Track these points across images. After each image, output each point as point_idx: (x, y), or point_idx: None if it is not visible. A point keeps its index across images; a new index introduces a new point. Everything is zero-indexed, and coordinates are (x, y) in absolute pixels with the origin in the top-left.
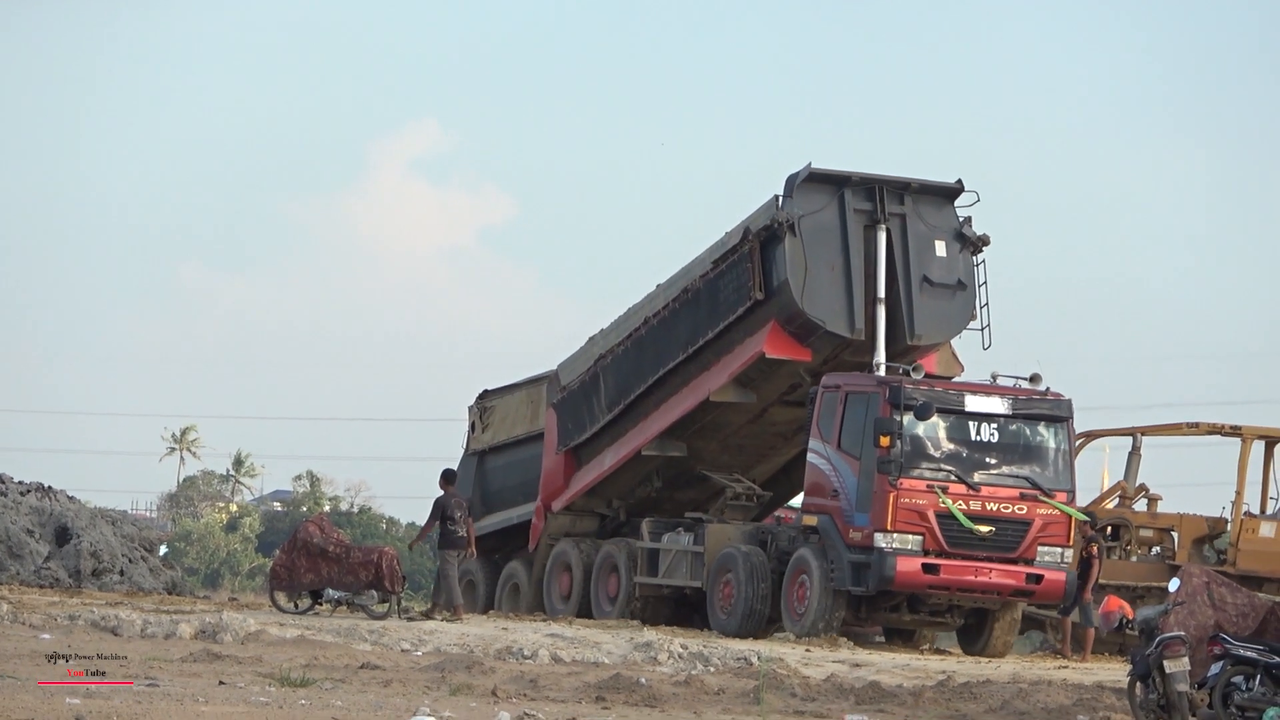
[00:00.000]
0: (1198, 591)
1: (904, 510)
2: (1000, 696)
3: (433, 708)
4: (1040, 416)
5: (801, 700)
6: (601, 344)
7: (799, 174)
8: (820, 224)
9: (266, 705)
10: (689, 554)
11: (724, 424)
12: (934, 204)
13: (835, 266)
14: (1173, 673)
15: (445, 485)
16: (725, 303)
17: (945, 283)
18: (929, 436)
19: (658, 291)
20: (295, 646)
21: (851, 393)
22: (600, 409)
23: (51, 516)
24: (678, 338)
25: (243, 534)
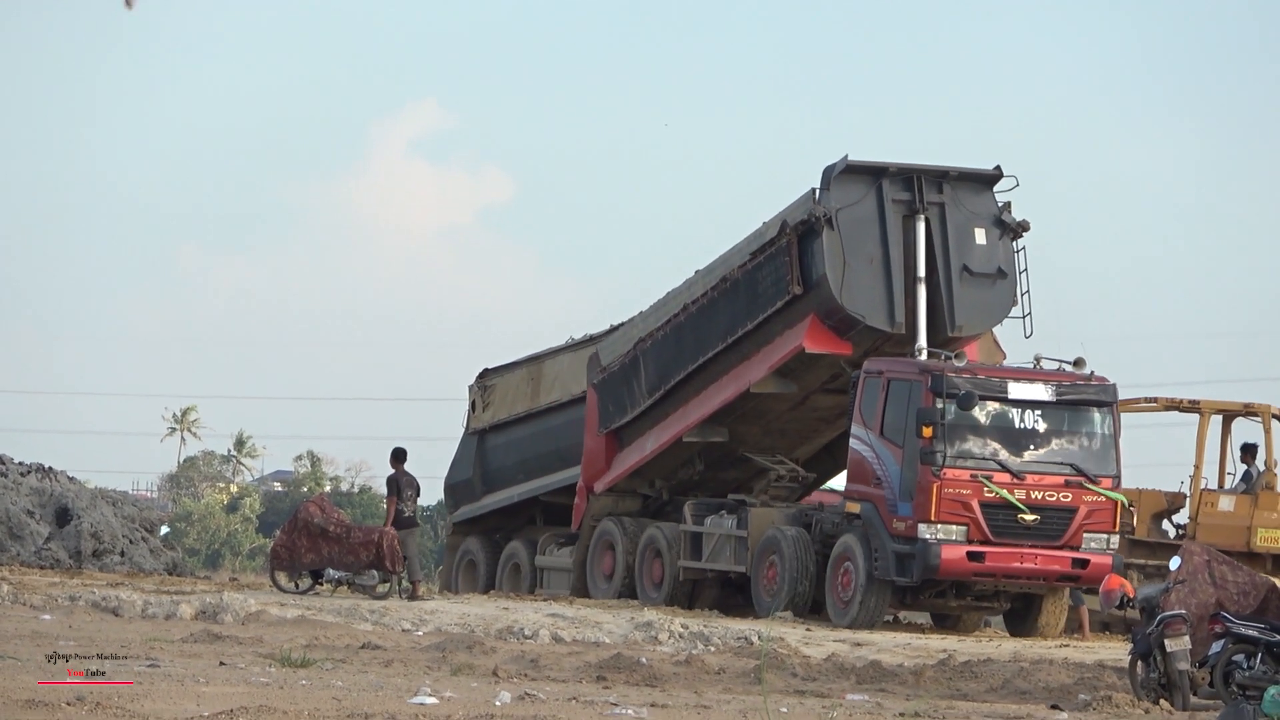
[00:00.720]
0: (1198, 570)
1: (948, 500)
2: (1001, 675)
3: (434, 688)
4: (1084, 401)
5: (802, 680)
6: (641, 327)
7: (835, 166)
8: (858, 216)
9: (267, 685)
10: (732, 537)
11: (766, 411)
12: (973, 191)
13: (874, 259)
14: (1174, 651)
15: (396, 464)
16: (764, 295)
17: (985, 271)
18: (972, 424)
19: (696, 278)
20: (296, 627)
21: (894, 379)
22: (641, 393)
23: (52, 497)
24: (717, 327)
25: (243, 514)
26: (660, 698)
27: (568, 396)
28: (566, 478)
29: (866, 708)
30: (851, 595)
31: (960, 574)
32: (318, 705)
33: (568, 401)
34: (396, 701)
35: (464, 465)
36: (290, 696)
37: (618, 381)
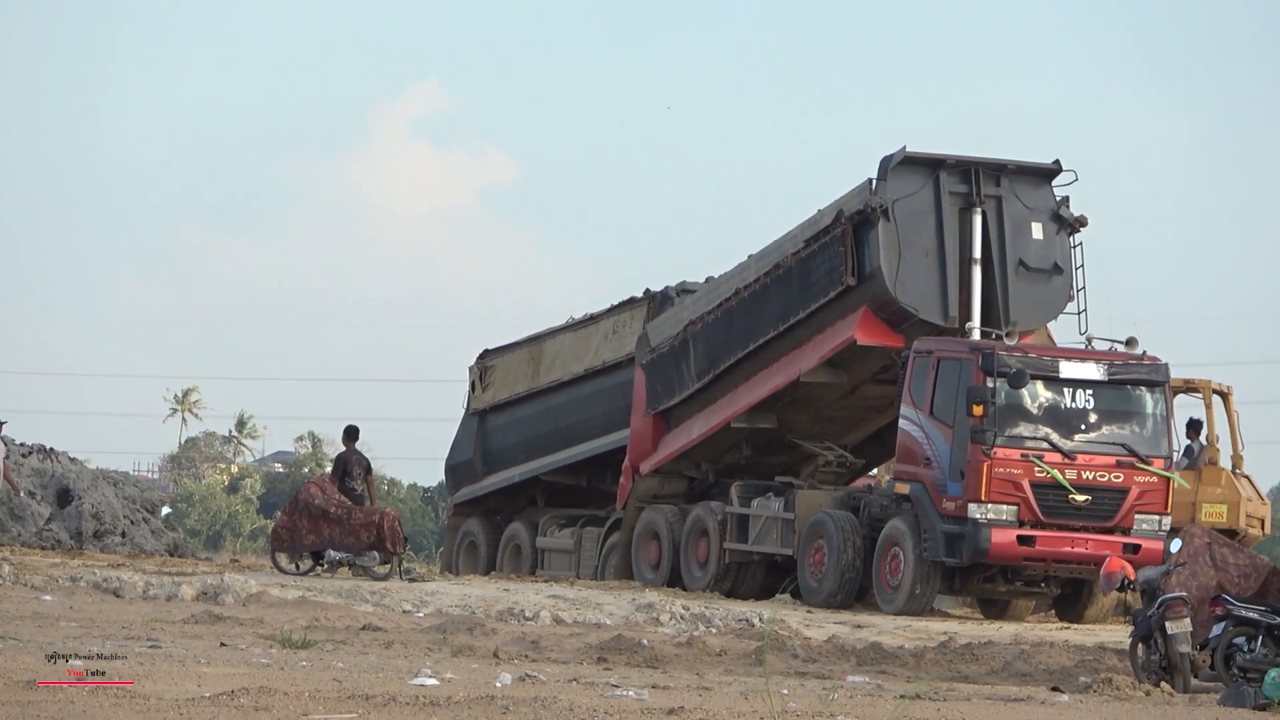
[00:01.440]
0: (1199, 552)
1: (998, 480)
2: (1002, 658)
3: (434, 669)
4: (1137, 381)
5: (803, 661)
6: (691, 309)
7: (893, 157)
8: (914, 208)
9: (268, 666)
10: (779, 520)
11: (815, 398)
12: (1030, 185)
13: (929, 252)
14: (1174, 634)
15: (347, 442)
16: (817, 284)
17: (1041, 267)
18: (1023, 404)
19: (749, 262)
20: (297, 608)
21: (944, 358)
22: (689, 376)
23: (53, 478)
24: (768, 314)
25: (244, 495)
26: (661, 679)
27: (568, 376)
28: (568, 457)
29: (867, 689)
30: (900, 581)
31: (1011, 559)
32: (318, 686)
33: (568, 381)
34: (397, 683)
35: (464, 446)
36: (291, 678)
37: (667, 363)
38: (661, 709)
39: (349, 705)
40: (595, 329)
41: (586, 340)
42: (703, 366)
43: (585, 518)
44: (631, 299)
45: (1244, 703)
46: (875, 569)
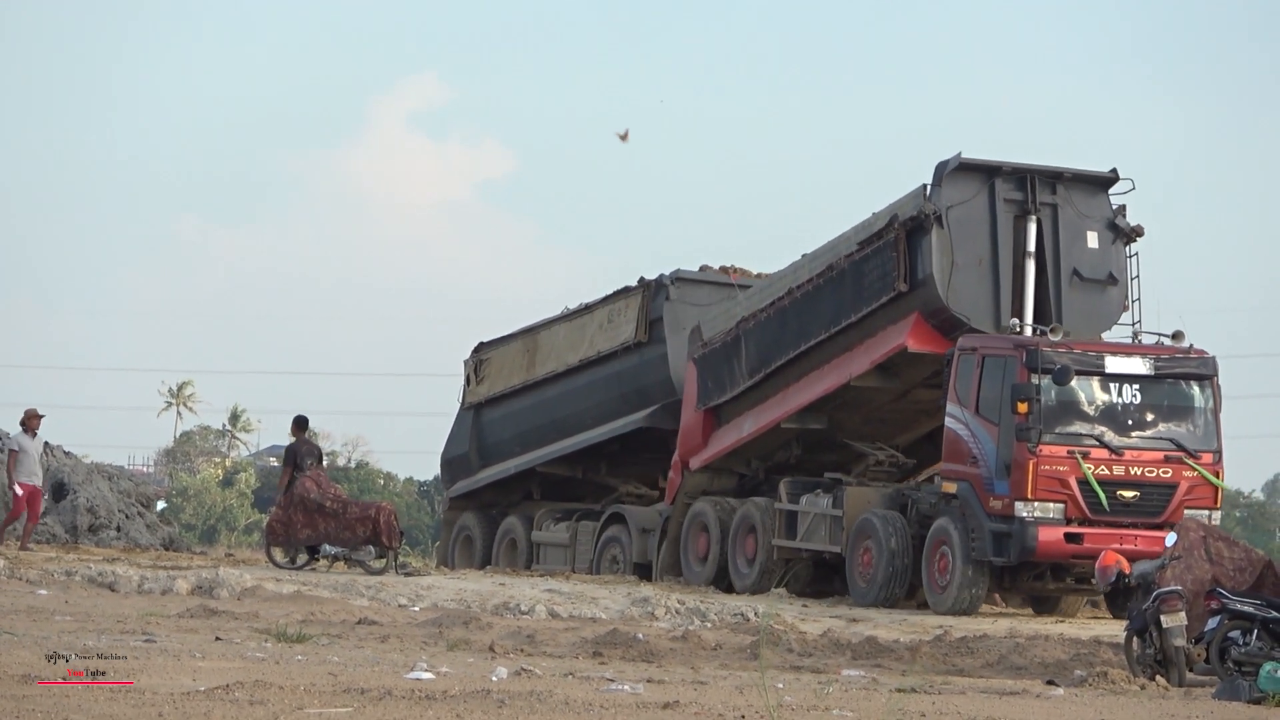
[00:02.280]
0: (1194, 546)
1: (1044, 478)
2: (997, 651)
3: (430, 663)
4: (1184, 375)
5: (798, 655)
6: (744, 306)
7: (948, 163)
8: (968, 215)
9: (263, 660)
10: (828, 517)
11: (866, 401)
12: (1086, 193)
13: (983, 260)
14: (1169, 627)
15: (297, 432)
16: (869, 288)
17: (1095, 277)
18: (1069, 400)
19: (802, 262)
20: (292, 602)
21: (988, 355)
22: (741, 373)
23: (48, 472)
24: (821, 315)
25: (239, 489)
26: (657, 673)
27: (563, 367)
28: (563, 448)
29: (862, 683)
30: (949, 579)
31: (1058, 556)
32: (314, 680)
33: (564, 372)
34: (393, 677)
35: (460, 440)
36: (286, 671)
37: (718, 359)
38: (657, 703)
39: (344, 699)
40: (590, 319)
41: (581, 330)
42: (754, 364)
43: (581, 512)
44: (626, 288)
45: (1239, 696)
46: (924, 568)
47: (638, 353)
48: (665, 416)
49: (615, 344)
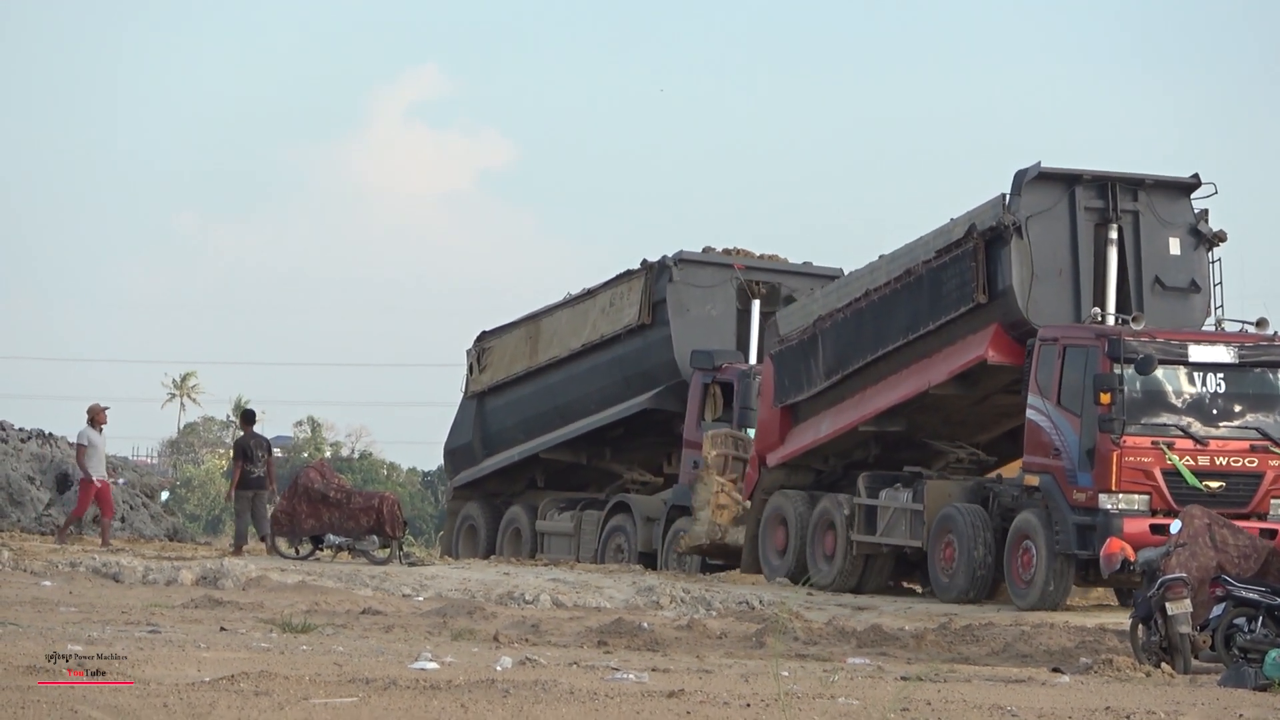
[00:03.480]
0: (1199, 533)
1: (1128, 469)
2: (1002, 639)
3: (434, 653)
4: (1269, 363)
5: (803, 644)
6: (821, 304)
7: (1028, 172)
8: (1048, 224)
9: (268, 651)
10: (908, 511)
11: (945, 405)
12: (1168, 199)
13: (1063, 270)
14: (1175, 615)
15: (245, 426)
16: (948, 296)
17: (1178, 285)
18: (1152, 390)
19: (880, 263)
20: (296, 592)
21: (1069, 345)
22: (818, 373)
23: (52, 463)
24: (898, 320)
25: None
26: (662, 662)
27: (566, 352)
28: (568, 433)
29: (868, 671)
30: (1033, 574)
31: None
32: (318, 670)
33: (566, 357)
34: (397, 666)
35: (463, 429)
36: (291, 662)
37: (795, 356)
38: (662, 692)
39: (349, 689)
40: (593, 303)
41: (584, 315)
42: (831, 365)
43: (585, 500)
44: (628, 271)
45: (1244, 683)
46: (1007, 563)
47: (641, 335)
48: (670, 398)
49: (618, 327)
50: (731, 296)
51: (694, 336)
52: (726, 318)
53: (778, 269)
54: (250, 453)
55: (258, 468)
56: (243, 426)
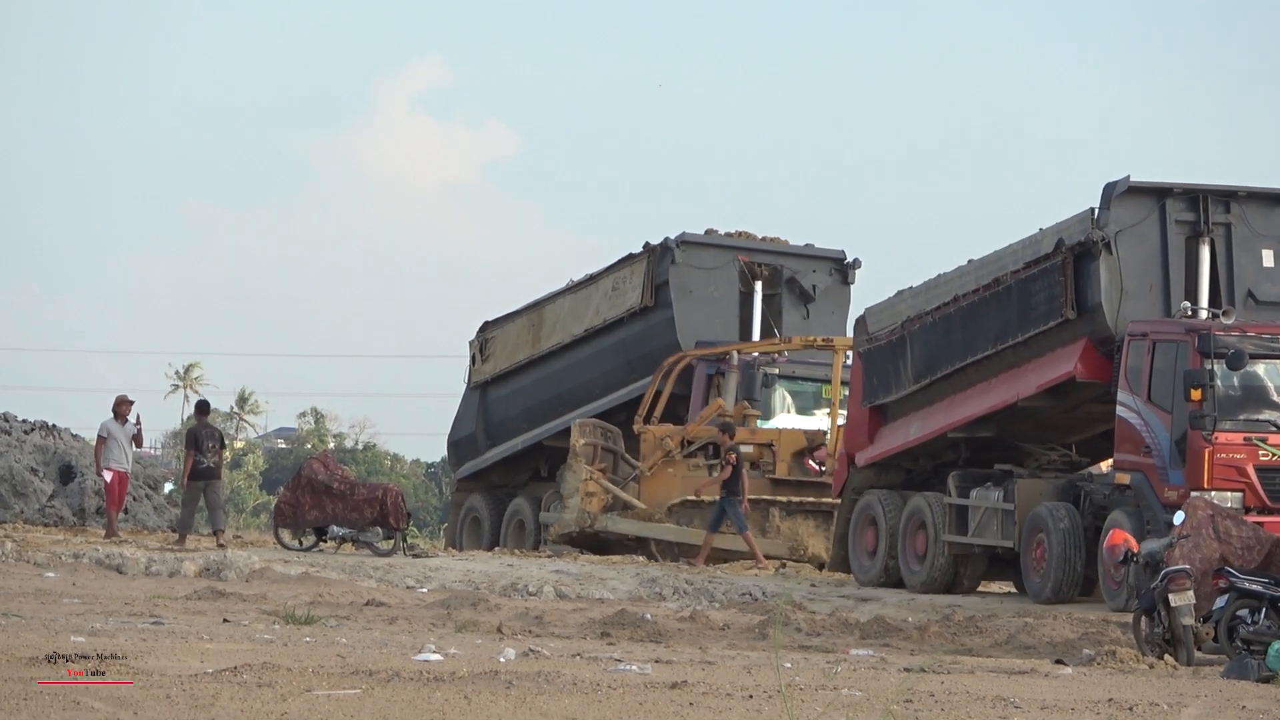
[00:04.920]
0: (1202, 525)
1: (1221, 466)
2: (1005, 630)
3: (438, 644)
4: None
5: (807, 635)
6: (910, 305)
7: (1116, 186)
8: (1138, 239)
9: (271, 643)
10: (999, 511)
11: (1035, 413)
12: (1262, 210)
13: (1154, 285)
14: (1178, 606)
15: (199, 416)
16: (1036, 309)
17: (1272, 300)
18: (1244, 385)
19: (969, 268)
20: (300, 584)
21: (1159, 340)
22: (906, 375)
23: (55, 455)
24: (987, 329)
25: (247, 471)
26: (664, 654)
27: (569, 338)
28: (571, 420)
29: (871, 662)
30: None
31: None
32: (322, 662)
33: (569, 343)
34: (401, 658)
35: (467, 420)
36: (294, 653)
37: (884, 356)
38: (665, 683)
39: (353, 681)
40: (595, 288)
41: (587, 301)
42: (919, 369)
43: None
44: (630, 255)
45: (1247, 675)
46: (1100, 561)
47: (643, 318)
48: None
49: (621, 311)
50: (734, 279)
51: (697, 318)
52: (729, 300)
53: (780, 251)
54: (201, 442)
55: (208, 458)
56: (196, 416)
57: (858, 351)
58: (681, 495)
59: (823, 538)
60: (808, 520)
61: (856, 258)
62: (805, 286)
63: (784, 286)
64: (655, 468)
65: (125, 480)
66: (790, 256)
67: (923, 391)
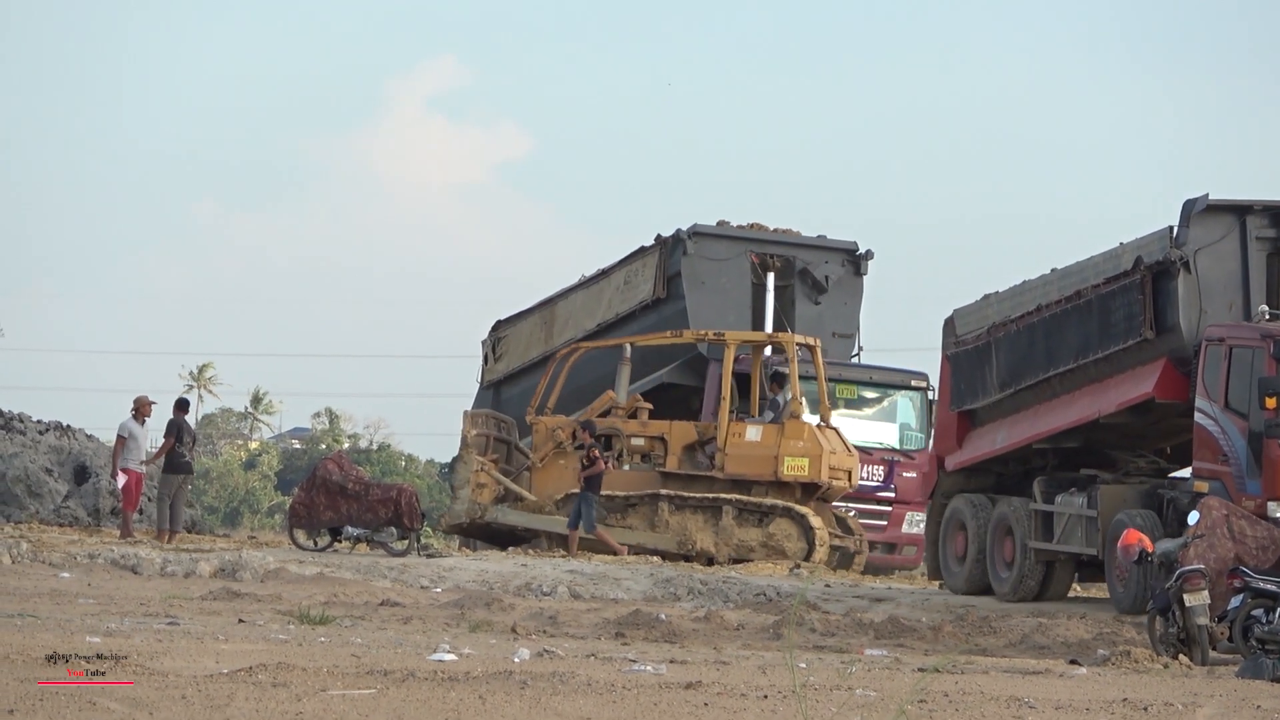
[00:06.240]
0: (1217, 524)
1: None
2: (1020, 630)
3: (452, 645)
4: None
5: (821, 635)
6: (996, 310)
7: (1195, 203)
8: (1218, 257)
9: (286, 643)
10: (1083, 518)
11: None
12: None
13: (1234, 304)
14: (1192, 606)
15: (180, 412)
16: (1115, 326)
17: None
18: None
19: (1052, 277)
20: (315, 584)
21: (1236, 346)
22: (992, 382)
23: (70, 455)
24: (1069, 341)
25: (261, 472)
26: (679, 654)
27: (581, 334)
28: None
29: (885, 663)
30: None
31: None
32: (336, 662)
33: (583, 337)
34: (415, 658)
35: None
36: (309, 653)
37: (971, 361)
38: (679, 684)
39: (367, 681)
40: (607, 283)
41: (599, 295)
42: (1005, 378)
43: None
44: (642, 248)
45: (1262, 674)
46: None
47: (656, 310)
48: (688, 372)
49: (633, 304)
50: (746, 270)
51: (710, 309)
52: (742, 291)
53: (793, 242)
54: (183, 434)
55: (187, 452)
56: (177, 413)
57: (945, 354)
58: (571, 488)
59: (711, 533)
60: (696, 515)
61: (869, 249)
62: (818, 278)
63: (796, 278)
64: (547, 459)
65: (142, 481)
66: (803, 248)
67: (1009, 399)
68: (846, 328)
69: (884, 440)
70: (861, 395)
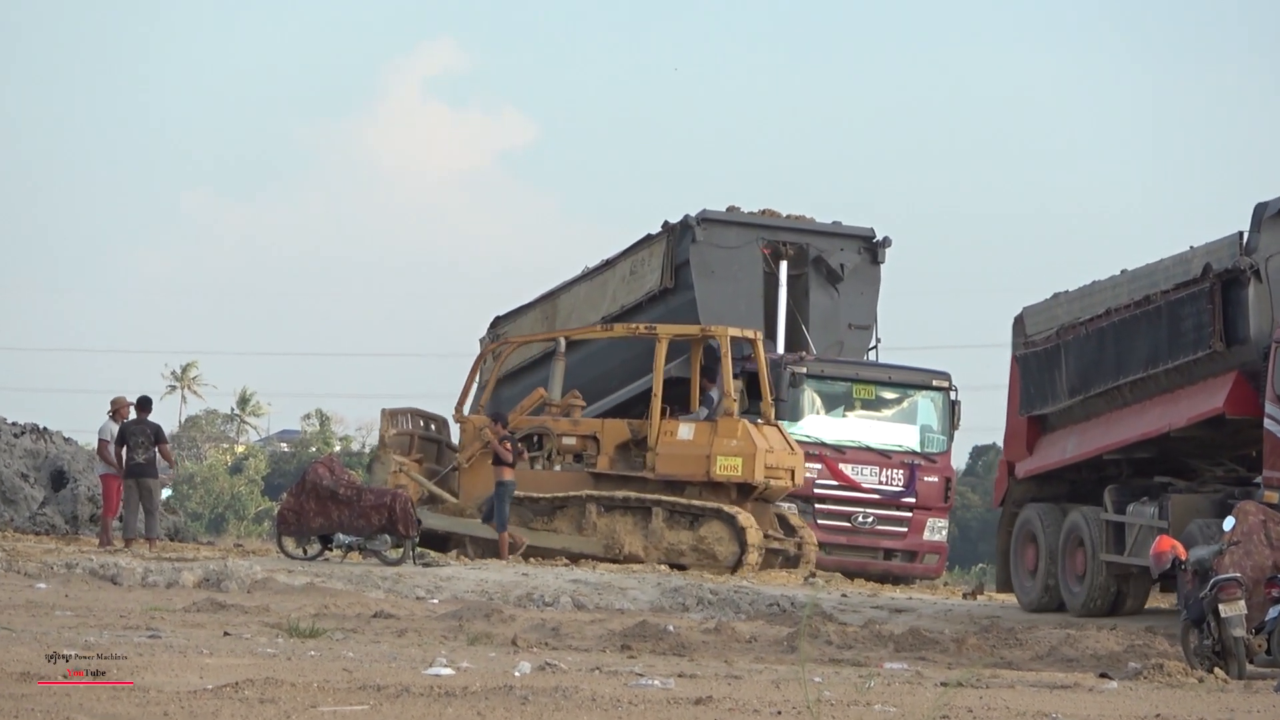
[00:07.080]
0: (1254, 530)
1: None
2: (1047, 643)
3: (450, 658)
4: None
5: (838, 648)
6: (1065, 312)
7: (1267, 207)
8: None
9: (274, 657)
10: (1154, 529)
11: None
12: None
13: None
14: (1228, 617)
15: (139, 412)
16: (1185, 335)
17: None
18: None
19: (1122, 279)
20: (304, 594)
21: None
22: (1061, 388)
23: (47, 459)
24: (1139, 349)
25: (248, 476)
26: (688, 668)
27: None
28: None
29: (905, 677)
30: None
31: None
32: (327, 677)
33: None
34: (411, 673)
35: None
36: (298, 668)
37: (1040, 363)
38: (689, 699)
39: (360, 697)
40: (612, 273)
41: (603, 287)
42: (1074, 383)
43: None
44: (648, 236)
45: None
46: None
47: (663, 301)
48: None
49: (640, 295)
50: (758, 258)
51: (719, 300)
52: (753, 280)
53: (807, 229)
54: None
55: (138, 454)
56: (137, 412)
57: (1015, 355)
58: None
59: (640, 536)
60: (625, 517)
61: (887, 236)
62: (833, 266)
63: (810, 266)
64: (474, 459)
65: (121, 486)
66: (817, 235)
67: (1079, 405)
68: (863, 319)
69: (904, 443)
70: (880, 395)
